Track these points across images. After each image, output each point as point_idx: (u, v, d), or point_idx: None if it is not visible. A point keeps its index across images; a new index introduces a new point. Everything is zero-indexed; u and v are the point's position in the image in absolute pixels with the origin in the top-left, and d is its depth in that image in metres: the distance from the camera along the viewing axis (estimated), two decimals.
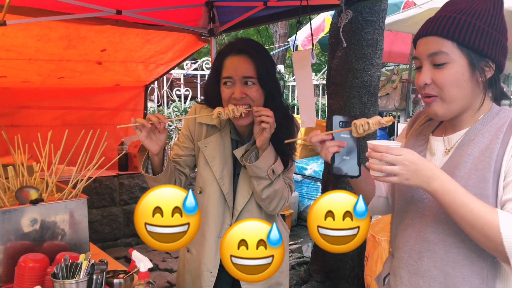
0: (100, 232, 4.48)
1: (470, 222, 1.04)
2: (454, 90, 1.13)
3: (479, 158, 1.11)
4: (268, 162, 1.61)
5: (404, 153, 1.07)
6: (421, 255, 1.20)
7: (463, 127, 1.20)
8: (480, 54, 1.12)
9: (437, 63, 1.14)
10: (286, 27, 12.46)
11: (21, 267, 1.54)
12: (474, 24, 1.11)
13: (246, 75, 1.62)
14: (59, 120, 4.60)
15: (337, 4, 2.59)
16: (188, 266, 1.84)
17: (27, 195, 1.81)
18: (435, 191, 1.07)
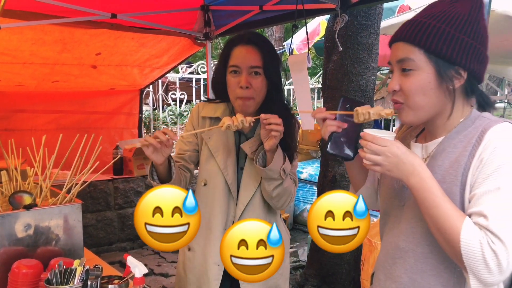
0: (94, 237, 4.45)
1: (437, 224, 1.04)
2: (420, 98, 1.11)
3: (448, 170, 1.10)
4: (279, 163, 1.62)
5: (389, 144, 1.07)
6: (394, 261, 1.22)
7: (439, 134, 1.18)
8: (449, 61, 1.08)
9: (404, 70, 1.12)
10: (281, 31, 12.49)
11: (15, 273, 1.52)
12: (444, 30, 1.07)
13: (253, 65, 1.64)
14: (53, 124, 4.57)
15: (333, 8, 2.60)
16: (190, 265, 1.80)
17: (21, 200, 1.79)
18: (412, 186, 1.08)
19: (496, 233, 0.97)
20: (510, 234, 0.97)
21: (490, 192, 1.01)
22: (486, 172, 1.03)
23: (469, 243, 0.98)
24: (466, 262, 0.99)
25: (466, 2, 1.11)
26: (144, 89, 5.20)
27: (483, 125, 1.10)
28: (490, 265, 0.97)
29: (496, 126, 1.07)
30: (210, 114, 1.78)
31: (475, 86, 1.14)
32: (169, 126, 6.83)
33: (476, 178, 1.05)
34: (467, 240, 0.98)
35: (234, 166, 1.74)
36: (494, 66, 5.80)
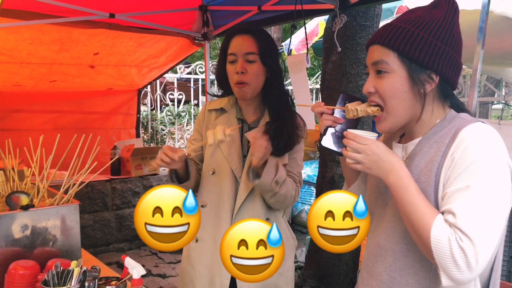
0: (92, 237, 4.44)
1: (411, 221, 1.07)
2: (394, 101, 1.14)
3: (423, 170, 1.13)
4: (269, 176, 1.65)
5: (369, 143, 1.10)
6: (376, 259, 1.25)
7: (417, 135, 1.20)
8: (421, 65, 1.11)
9: (378, 72, 1.15)
10: (279, 31, 12.49)
11: (11, 274, 1.51)
12: (418, 34, 1.10)
13: (248, 51, 1.71)
14: (50, 124, 4.56)
15: (332, 8, 2.60)
16: (199, 257, 1.82)
17: (18, 201, 1.78)
18: (390, 185, 1.10)
19: (464, 231, 0.98)
20: (478, 232, 0.98)
21: (460, 190, 1.03)
22: (457, 171, 1.05)
23: (438, 239, 1.00)
24: (436, 258, 1.01)
25: (442, 8, 1.14)
26: (142, 89, 5.19)
27: (457, 125, 1.12)
28: (458, 262, 0.98)
29: (469, 125, 1.09)
30: (215, 106, 1.88)
31: (448, 91, 1.17)
32: (167, 126, 6.80)
33: (448, 177, 1.07)
34: (436, 236, 1.01)
35: (239, 153, 1.79)
36: (492, 67, 5.80)
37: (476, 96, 2.24)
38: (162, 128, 6.79)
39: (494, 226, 1.00)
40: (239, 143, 1.81)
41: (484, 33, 2.20)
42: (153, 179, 4.81)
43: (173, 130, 6.87)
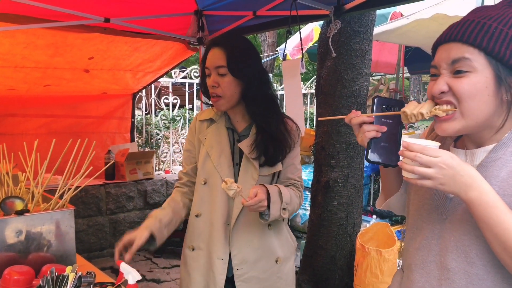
0: (85, 242, 4.41)
1: (503, 243, 0.92)
2: (474, 104, 0.98)
3: (508, 181, 0.98)
4: (276, 209, 1.67)
5: (442, 154, 0.94)
6: (440, 283, 1.07)
7: (487, 142, 1.05)
8: (510, 68, 0.96)
9: (458, 71, 0.99)
10: (274, 36, 12.53)
11: (6, 280, 1.50)
12: (507, 33, 0.95)
13: (218, 64, 1.72)
14: (45, 128, 4.54)
15: (326, 14, 2.61)
16: (195, 265, 1.84)
17: (12, 206, 1.77)
18: (471, 201, 0.95)
19: None
20: None
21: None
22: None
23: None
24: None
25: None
26: (137, 93, 5.18)
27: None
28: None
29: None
30: (205, 117, 1.90)
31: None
32: (162, 131, 6.79)
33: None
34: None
35: (229, 162, 1.79)
36: None
37: None
38: (156, 132, 6.78)
39: None
40: (229, 152, 1.81)
41: None
42: (147, 183, 4.80)
43: (167, 135, 6.86)
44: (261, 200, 1.59)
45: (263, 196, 1.60)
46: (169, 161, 6.70)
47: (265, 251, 1.80)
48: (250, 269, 1.78)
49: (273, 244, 1.82)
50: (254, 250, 1.78)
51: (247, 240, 1.78)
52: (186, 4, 3.31)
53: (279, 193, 1.69)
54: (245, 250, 1.78)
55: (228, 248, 1.78)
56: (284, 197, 1.70)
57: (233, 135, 1.84)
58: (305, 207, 5.44)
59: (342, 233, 3.51)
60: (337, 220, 3.50)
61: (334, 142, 3.42)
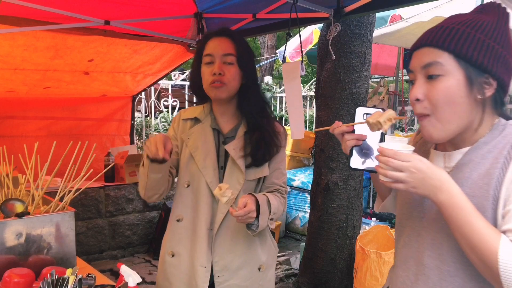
0: (85, 245, 4.41)
1: (470, 243, 0.97)
2: (449, 108, 1.02)
3: (478, 183, 1.03)
4: (265, 219, 1.63)
5: (412, 159, 0.98)
6: (417, 278, 1.14)
7: (463, 145, 1.10)
8: (479, 68, 1.01)
9: (431, 75, 1.04)
10: (274, 38, 12.55)
11: (6, 283, 1.50)
12: (474, 35, 1.00)
13: (227, 52, 1.68)
14: (44, 131, 4.53)
15: (326, 17, 2.62)
16: (175, 271, 1.75)
17: (13, 208, 1.77)
18: (441, 203, 0.99)
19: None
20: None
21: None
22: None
23: (508, 263, 0.93)
24: (505, 283, 0.94)
25: (491, 13, 1.06)
26: (137, 95, 5.18)
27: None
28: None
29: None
30: (189, 115, 1.81)
31: (503, 99, 1.06)
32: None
33: (510, 192, 0.99)
34: (506, 260, 0.93)
35: (214, 165, 1.72)
36: None
37: None
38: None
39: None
40: (214, 154, 1.73)
41: None
42: None
43: None
44: (251, 211, 1.53)
45: (252, 207, 1.54)
46: None
47: (248, 258, 1.74)
48: (231, 277, 1.71)
49: (257, 251, 1.76)
50: (237, 257, 1.72)
51: (230, 247, 1.71)
52: (186, 7, 3.31)
53: (268, 202, 1.64)
54: (227, 257, 1.71)
55: (211, 255, 1.71)
56: (273, 207, 1.65)
57: (218, 136, 1.77)
58: (305, 210, 5.44)
59: (341, 235, 3.51)
60: (336, 223, 3.50)
61: (334, 144, 3.42)
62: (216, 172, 1.71)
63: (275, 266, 1.91)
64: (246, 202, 1.53)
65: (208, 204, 1.71)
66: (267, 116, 1.77)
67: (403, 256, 1.20)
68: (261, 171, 1.74)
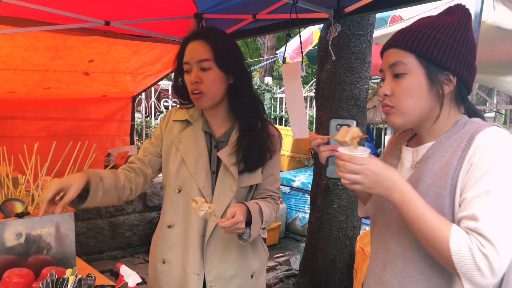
0: (85, 245, 4.41)
1: (424, 235, 1.06)
2: (411, 101, 1.14)
3: (438, 173, 1.12)
4: (257, 229, 1.60)
5: (367, 163, 1.08)
6: (385, 266, 1.23)
7: (429, 139, 1.20)
8: (439, 66, 1.11)
9: (396, 74, 1.15)
10: (274, 39, 12.55)
11: (5, 283, 1.50)
12: (434, 36, 1.11)
13: (201, 58, 1.58)
14: (44, 131, 4.53)
15: (326, 17, 2.61)
16: (166, 279, 1.71)
17: (12, 208, 1.77)
18: (394, 202, 1.09)
19: (486, 236, 0.98)
20: (501, 237, 0.99)
21: (480, 195, 1.03)
22: (476, 176, 1.05)
23: (459, 251, 1.00)
24: (458, 269, 1.00)
25: (455, 14, 1.16)
26: (137, 96, 5.18)
27: (472, 129, 1.12)
28: (482, 269, 0.98)
29: (485, 130, 1.09)
30: (180, 117, 1.74)
31: (465, 94, 1.17)
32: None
33: (466, 181, 1.07)
34: (457, 247, 1.00)
35: (206, 169, 1.66)
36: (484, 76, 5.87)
37: None
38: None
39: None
40: (206, 159, 1.67)
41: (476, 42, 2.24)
42: None
43: None
44: (238, 221, 1.47)
45: (240, 218, 1.48)
46: None
47: (241, 266, 1.70)
48: (224, 286, 1.67)
49: (250, 258, 1.73)
50: (230, 266, 1.67)
51: (223, 256, 1.67)
52: (186, 7, 3.31)
53: (260, 211, 1.59)
54: (220, 266, 1.66)
55: (204, 262, 1.66)
56: (265, 216, 1.61)
57: (210, 140, 1.71)
58: (305, 210, 5.44)
59: (341, 236, 3.51)
60: (336, 223, 3.50)
61: None
62: (208, 176, 1.66)
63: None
64: (234, 212, 1.49)
65: None
66: (261, 118, 1.70)
67: (374, 247, 1.30)
68: (254, 178, 1.69)
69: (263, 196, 1.73)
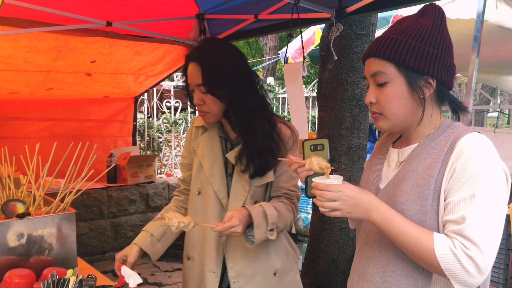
0: (87, 246, 4.41)
1: (409, 248, 1.10)
2: (395, 108, 1.19)
3: (421, 175, 1.16)
4: (261, 232, 1.60)
5: (343, 189, 1.13)
6: (368, 261, 1.28)
7: (414, 141, 1.26)
8: (417, 72, 1.16)
9: (379, 83, 1.20)
10: (276, 39, 12.56)
11: (7, 283, 1.50)
12: (410, 43, 1.15)
13: (198, 82, 1.65)
14: (47, 132, 4.54)
15: (328, 17, 2.61)
16: (190, 275, 1.82)
17: (14, 209, 1.77)
18: (374, 221, 1.14)
19: (471, 239, 1.03)
20: (485, 239, 1.03)
21: (465, 199, 1.07)
22: (460, 180, 1.09)
23: (445, 257, 1.05)
24: (447, 274, 1.05)
25: (430, 15, 1.20)
26: (139, 97, 5.19)
27: (454, 134, 1.17)
28: (469, 270, 1.03)
29: (466, 135, 1.14)
30: (199, 123, 1.83)
31: (445, 93, 1.22)
32: (164, 134, 6.79)
33: (450, 186, 1.11)
34: (442, 254, 1.05)
35: (222, 173, 1.74)
36: (487, 76, 5.84)
37: (471, 104, 2.25)
38: (158, 135, 6.78)
39: (497, 231, 1.06)
40: (221, 162, 1.75)
41: (479, 42, 2.23)
42: (149, 186, 4.80)
43: (169, 138, 6.86)
44: (233, 226, 1.51)
45: (235, 222, 1.51)
46: (171, 165, 6.70)
47: (261, 264, 1.74)
48: (247, 283, 1.72)
49: (270, 256, 1.75)
50: (249, 264, 1.72)
51: (242, 253, 1.72)
52: (187, 8, 3.32)
53: (263, 214, 1.61)
54: (240, 263, 1.72)
55: (221, 260, 1.73)
56: (270, 218, 1.61)
57: (225, 143, 1.78)
58: (307, 211, 5.43)
59: (344, 236, 3.50)
60: (339, 224, 3.49)
61: (336, 145, 3.41)
62: (223, 180, 1.74)
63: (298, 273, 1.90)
64: (231, 216, 1.53)
65: (216, 211, 1.73)
66: (262, 124, 1.68)
67: (359, 245, 1.36)
68: (266, 177, 1.72)
69: (278, 194, 1.76)
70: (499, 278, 3.31)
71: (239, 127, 1.69)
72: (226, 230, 1.52)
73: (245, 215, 1.56)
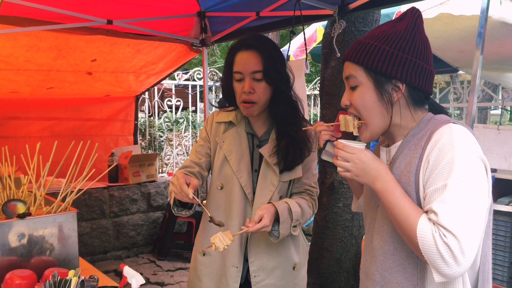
0: (89, 245, 4.40)
1: (398, 222, 1.13)
2: (365, 111, 1.22)
3: (403, 172, 1.19)
4: (286, 228, 1.66)
5: (357, 152, 1.18)
6: (371, 260, 1.30)
7: (398, 138, 1.27)
8: (385, 76, 1.18)
9: (351, 86, 1.24)
10: (277, 37, 12.52)
11: (8, 284, 1.49)
12: (380, 48, 1.18)
13: (255, 69, 1.67)
14: (47, 131, 4.53)
15: (330, 14, 2.59)
16: (206, 270, 1.81)
17: (14, 209, 1.75)
18: (377, 190, 1.17)
19: (446, 227, 1.04)
20: (459, 226, 1.04)
21: (438, 189, 1.09)
22: (434, 172, 1.11)
23: (423, 236, 1.06)
24: (424, 255, 1.06)
25: (406, 19, 1.21)
26: (140, 95, 5.17)
27: (432, 127, 1.19)
28: (445, 257, 1.03)
29: (441, 128, 1.15)
30: (223, 119, 1.83)
31: (419, 96, 1.23)
32: (165, 133, 6.78)
33: (427, 178, 1.13)
34: (422, 233, 1.06)
35: (248, 168, 1.76)
36: (490, 73, 5.81)
37: (475, 101, 2.23)
38: (160, 134, 6.76)
39: (474, 219, 1.06)
40: (248, 158, 1.77)
41: (483, 38, 2.19)
42: (151, 186, 4.78)
43: (171, 137, 6.84)
44: (265, 226, 1.57)
45: (267, 222, 1.58)
46: (172, 164, 6.68)
47: (283, 258, 1.79)
48: (267, 276, 1.76)
49: (291, 251, 1.81)
50: (272, 258, 1.76)
51: (265, 248, 1.75)
52: (188, 6, 3.30)
53: (289, 211, 1.66)
54: (263, 257, 1.75)
55: (243, 255, 1.76)
56: (295, 215, 1.67)
57: (252, 140, 1.81)
58: None
59: (347, 235, 3.48)
60: (342, 222, 3.47)
61: None
62: (250, 175, 1.76)
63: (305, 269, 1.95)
64: (262, 215, 1.58)
65: (241, 206, 1.75)
66: (296, 122, 1.76)
67: (365, 243, 1.38)
68: (294, 172, 1.76)
69: (300, 190, 1.82)
70: (503, 276, 3.29)
71: (285, 118, 1.73)
72: (257, 232, 1.58)
73: (273, 213, 1.62)
